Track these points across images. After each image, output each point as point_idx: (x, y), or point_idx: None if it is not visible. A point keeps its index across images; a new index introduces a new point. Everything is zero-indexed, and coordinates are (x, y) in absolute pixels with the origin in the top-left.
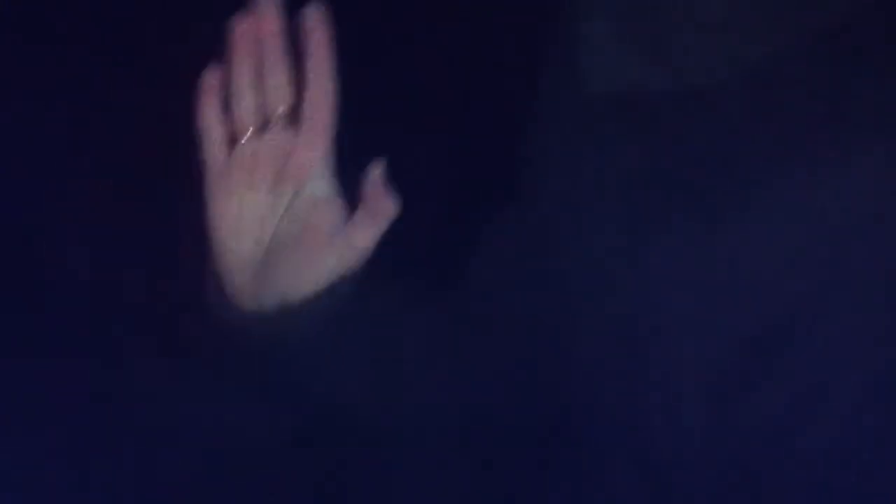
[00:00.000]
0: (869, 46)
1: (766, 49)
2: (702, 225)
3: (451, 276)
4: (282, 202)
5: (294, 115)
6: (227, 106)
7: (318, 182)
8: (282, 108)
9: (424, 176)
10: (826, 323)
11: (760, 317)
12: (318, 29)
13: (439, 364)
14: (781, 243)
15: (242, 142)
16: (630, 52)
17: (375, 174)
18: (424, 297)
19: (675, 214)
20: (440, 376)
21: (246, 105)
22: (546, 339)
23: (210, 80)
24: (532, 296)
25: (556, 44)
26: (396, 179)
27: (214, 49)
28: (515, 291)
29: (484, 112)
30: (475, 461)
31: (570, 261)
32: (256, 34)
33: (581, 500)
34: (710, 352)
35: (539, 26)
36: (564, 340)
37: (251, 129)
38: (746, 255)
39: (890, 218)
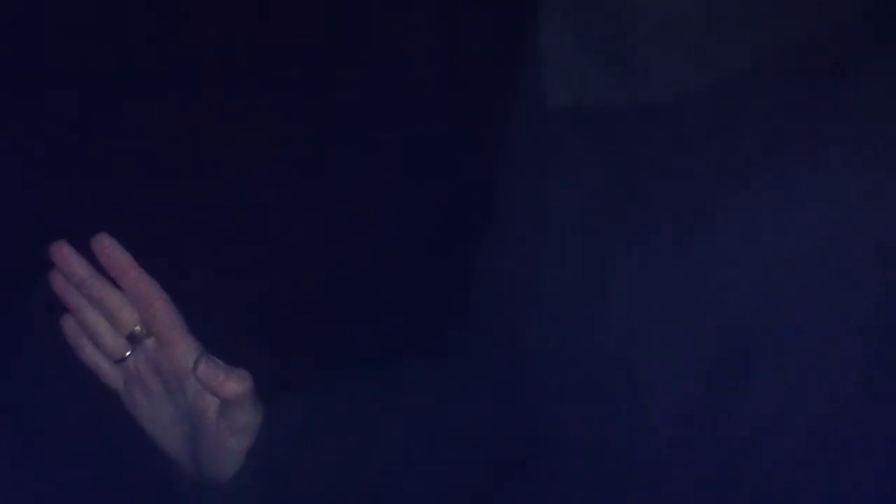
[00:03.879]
0: (840, 60)
1: (732, 63)
2: (670, 240)
3: (417, 295)
4: (177, 401)
5: (148, 327)
6: (95, 340)
7: (191, 376)
8: (135, 328)
9: (387, 197)
10: (796, 337)
11: (728, 331)
12: (114, 253)
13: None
14: (749, 257)
15: (125, 363)
16: (595, 68)
17: (201, 372)
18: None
19: (642, 231)
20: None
21: (106, 336)
22: (511, 357)
23: (66, 327)
24: (498, 314)
25: (520, 61)
26: (360, 196)
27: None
28: (480, 309)
29: (445, 131)
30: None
31: (535, 277)
32: (74, 281)
33: None
34: (676, 369)
35: (502, 44)
36: (527, 357)
37: (125, 350)
38: (714, 270)
39: (861, 229)
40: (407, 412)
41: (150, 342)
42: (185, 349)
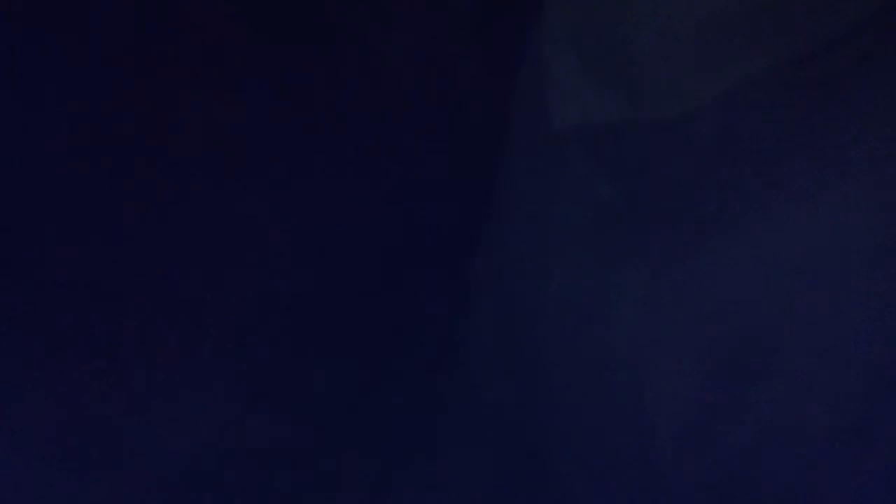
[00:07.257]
0: (839, 74)
1: (735, 74)
2: (675, 247)
3: (424, 312)
4: None
5: None
6: None
7: None
8: None
9: (389, 215)
10: (800, 341)
11: (733, 336)
12: None
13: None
14: (754, 263)
15: None
16: (599, 83)
17: None
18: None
19: (648, 238)
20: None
21: None
22: (517, 372)
23: None
24: (504, 331)
25: (526, 80)
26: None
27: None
28: (487, 328)
29: (453, 150)
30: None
31: (541, 293)
32: None
33: None
34: (683, 380)
35: (508, 63)
36: (534, 372)
37: None
38: (719, 276)
39: (862, 242)
40: (408, 411)
41: None
42: None
